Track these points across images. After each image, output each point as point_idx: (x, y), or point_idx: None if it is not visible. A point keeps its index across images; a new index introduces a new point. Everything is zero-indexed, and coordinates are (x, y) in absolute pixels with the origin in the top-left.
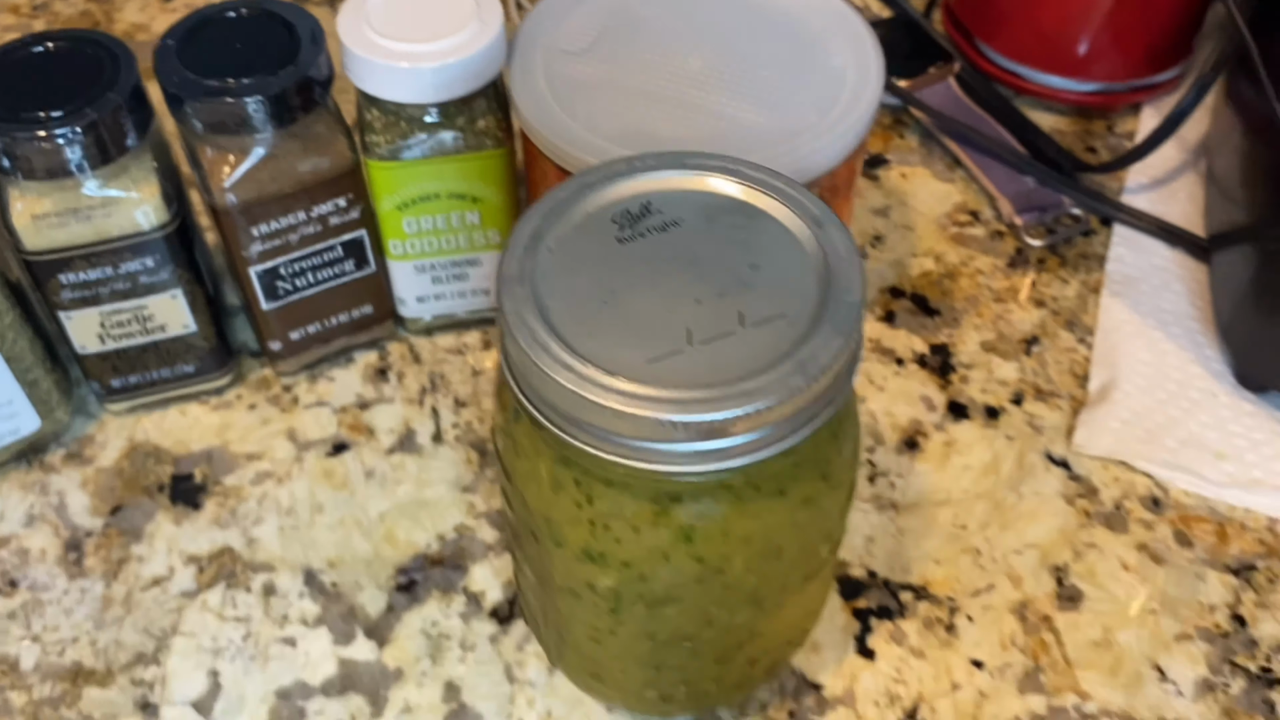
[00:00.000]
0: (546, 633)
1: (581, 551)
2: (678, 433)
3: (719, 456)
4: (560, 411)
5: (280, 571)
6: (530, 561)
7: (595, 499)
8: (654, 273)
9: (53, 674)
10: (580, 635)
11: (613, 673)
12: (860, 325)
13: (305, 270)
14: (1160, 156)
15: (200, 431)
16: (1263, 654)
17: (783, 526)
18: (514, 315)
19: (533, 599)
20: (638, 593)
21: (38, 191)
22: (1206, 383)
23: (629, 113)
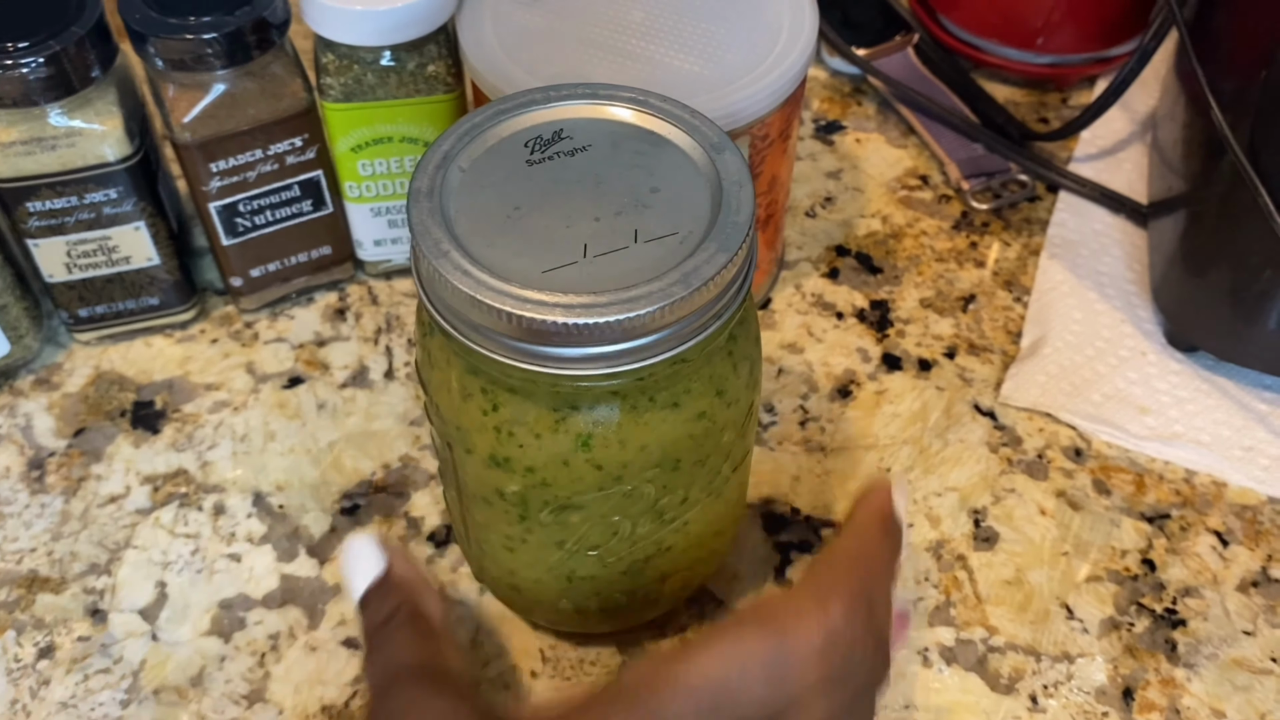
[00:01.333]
0: (470, 546)
1: (489, 458)
2: (566, 336)
3: (607, 361)
4: (462, 318)
5: (230, 493)
6: (449, 472)
7: (500, 406)
8: (558, 193)
9: (9, 580)
10: (496, 544)
11: (528, 583)
12: (749, 244)
13: (264, 208)
14: (1109, 128)
15: (163, 362)
16: (1169, 597)
17: (678, 438)
18: (420, 226)
19: (456, 512)
20: (542, 499)
21: (6, 121)
22: (1136, 342)
23: (570, 60)
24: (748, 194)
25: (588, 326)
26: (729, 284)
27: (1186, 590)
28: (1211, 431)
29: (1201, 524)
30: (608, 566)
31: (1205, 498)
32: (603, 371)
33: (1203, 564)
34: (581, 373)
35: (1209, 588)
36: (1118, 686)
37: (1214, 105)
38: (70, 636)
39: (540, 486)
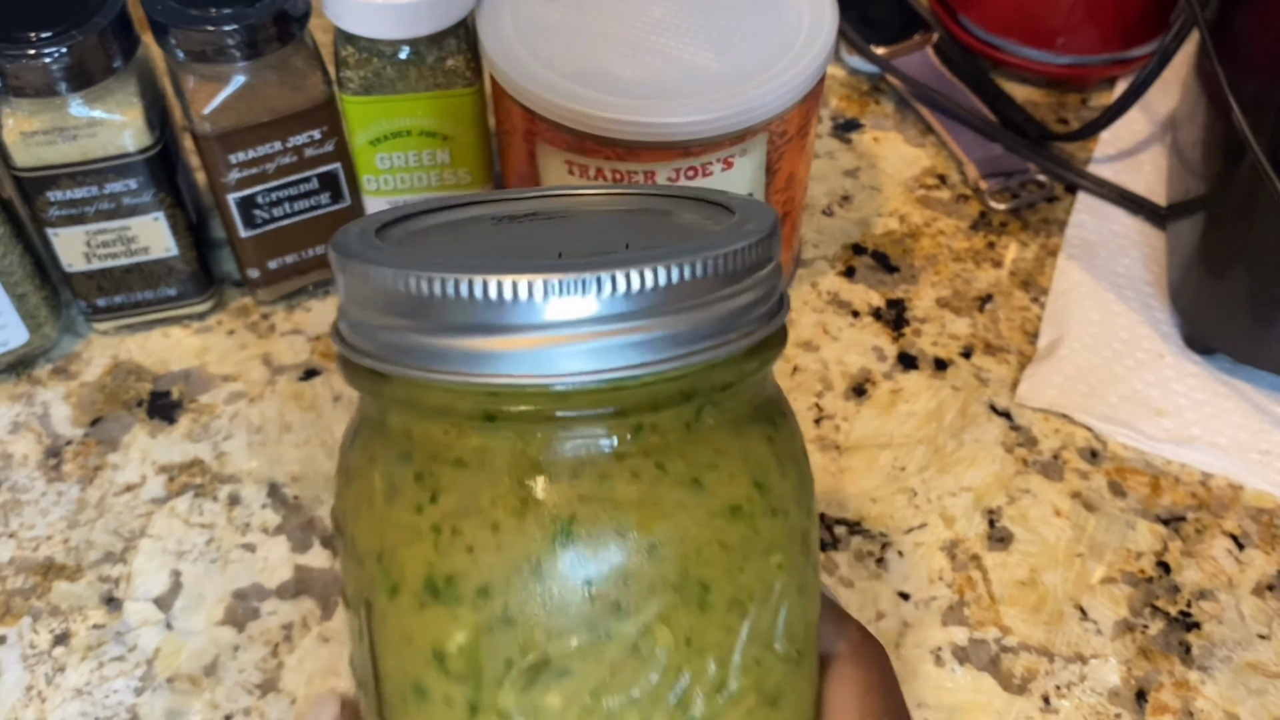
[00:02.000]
0: None
1: (424, 587)
2: (532, 311)
3: (591, 358)
4: (389, 334)
5: (246, 483)
6: (365, 666)
7: (440, 493)
8: (531, 237)
9: (26, 567)
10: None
11: None
12: (776, 244)
13: (282, 200)
14: (1129, 129)
15: (180, 353)
16: (1184, 599)
17: (703, 541)
18: (340, 238)
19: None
20: (505, 655)
21: (28, 110)
22: (1154, 344)
23: (590, 55)
24: (766, 207)
25: (567, 286)
26: (755, 275)
27: (1201, 593)
28: (1228, 434)
29: (1217, 527)
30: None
31: (1221, 500)
32: (584, 377)
33: (1218, 567)
34: (560, 379)
35: (1224, 591)
36: (1131, 688)
37: (1235, 106)
38: (85, 624)
39: (500, 627)
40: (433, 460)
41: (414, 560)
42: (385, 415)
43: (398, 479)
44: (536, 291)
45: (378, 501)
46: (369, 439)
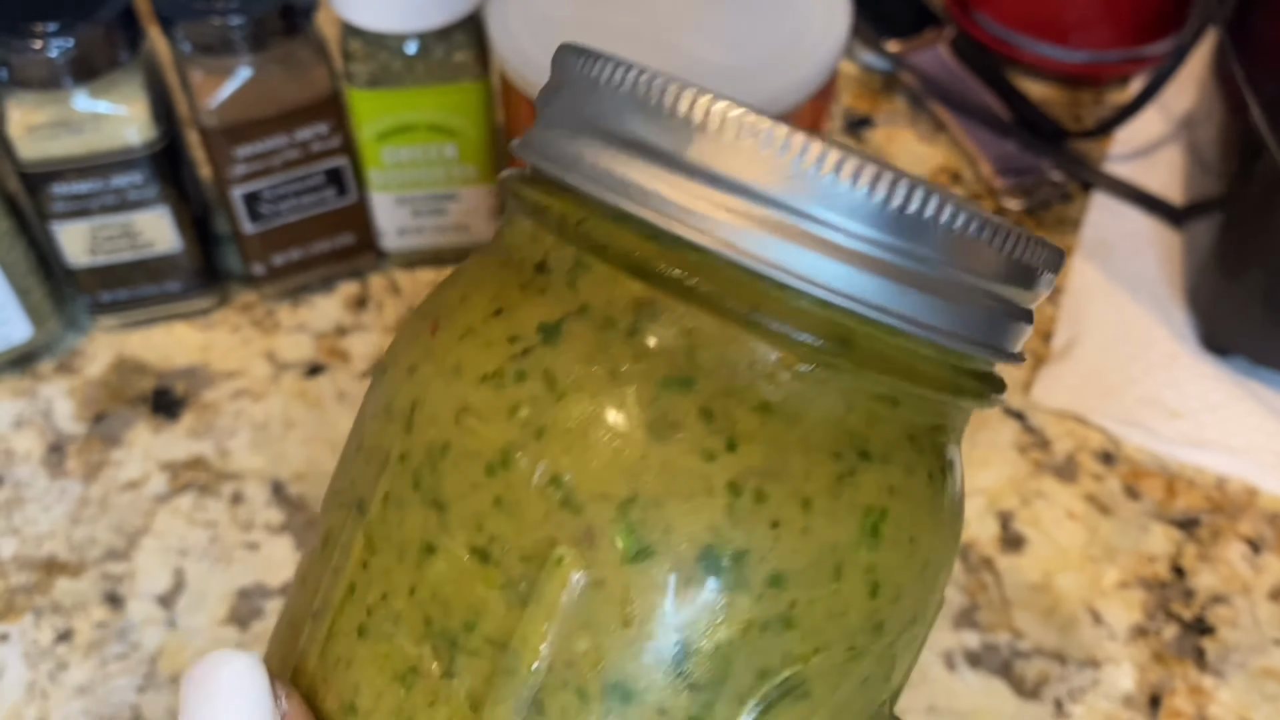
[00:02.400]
0: None
1: (698, 556)
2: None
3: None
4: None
5: (249, 481)
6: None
7: (740, 441)
8: None
9: (28, 564)
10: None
11: None
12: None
13: (287, 195)
14: (1144, 128)
15: (184, 349)
16: (1199, 604)
17: (945, 559)
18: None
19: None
20: (763, 664)
21: (33, 103)
22: (1169, 345)
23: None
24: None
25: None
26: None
27: (1216, 598)
28: (1244, 437)
29: (1232, 531)
30: None
31: (1237, 504)
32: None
33: (1233, 571)
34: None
35: (1239, 596)
36: (1144, 693)
37: (1253, 105)
38: (88, 621)
39: (777, 627)
40: (729, 397)
41: (691, 520)
42: (648, 324)
43: (672, 410)
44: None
45: (626, 428)
46: (590, 341)
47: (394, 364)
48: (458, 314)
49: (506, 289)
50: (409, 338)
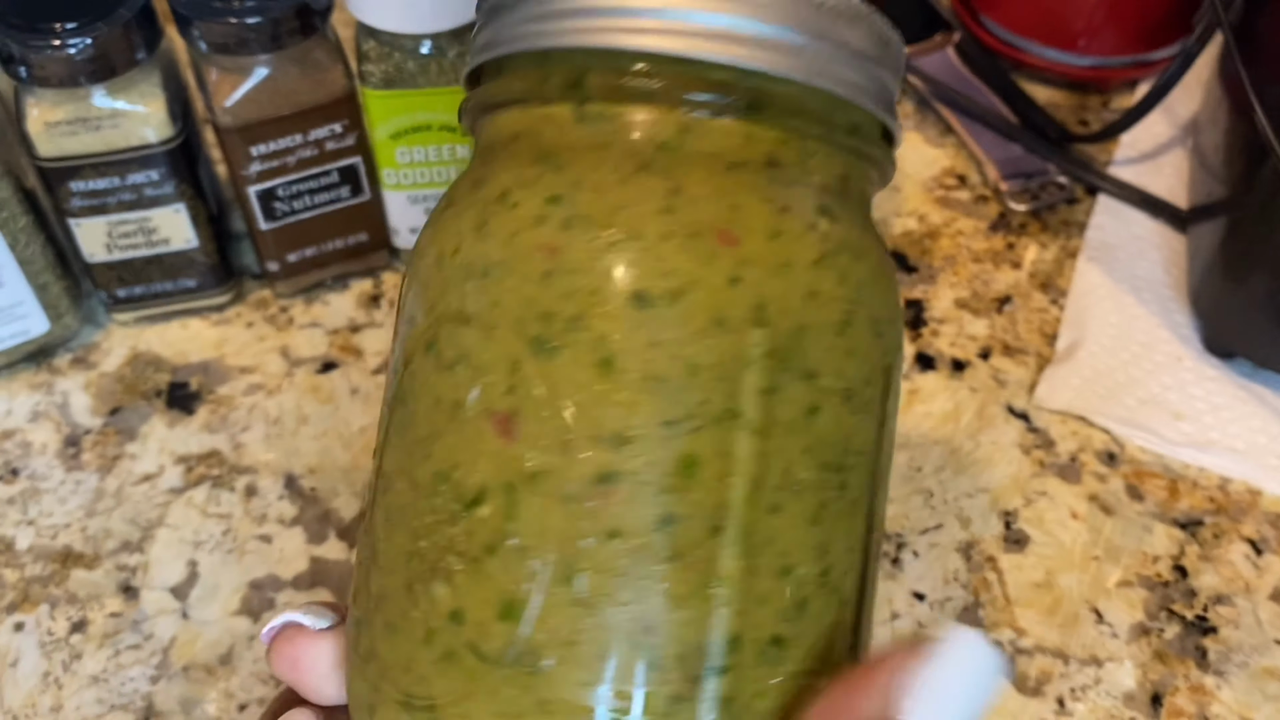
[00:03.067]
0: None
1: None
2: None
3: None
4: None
5: (263, 475)
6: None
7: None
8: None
9: (44, 555)
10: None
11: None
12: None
13: (302, 193)
14: (1150, 132)
15: (199, 344)
16: (1200, 603)
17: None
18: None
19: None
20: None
21: (51, 100)
22: (1173, 347)
23: None
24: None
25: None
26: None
27: (1218, 598)
28: (1247, 439)
29: (1235, 532)
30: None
31: (1240, 505)
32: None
33: (1235, 572)
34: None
35: (1241, 596)
36: (1146, 692)
37: (1258, 110)
38: (102, 612)
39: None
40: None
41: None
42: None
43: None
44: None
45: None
46: (594, 161)
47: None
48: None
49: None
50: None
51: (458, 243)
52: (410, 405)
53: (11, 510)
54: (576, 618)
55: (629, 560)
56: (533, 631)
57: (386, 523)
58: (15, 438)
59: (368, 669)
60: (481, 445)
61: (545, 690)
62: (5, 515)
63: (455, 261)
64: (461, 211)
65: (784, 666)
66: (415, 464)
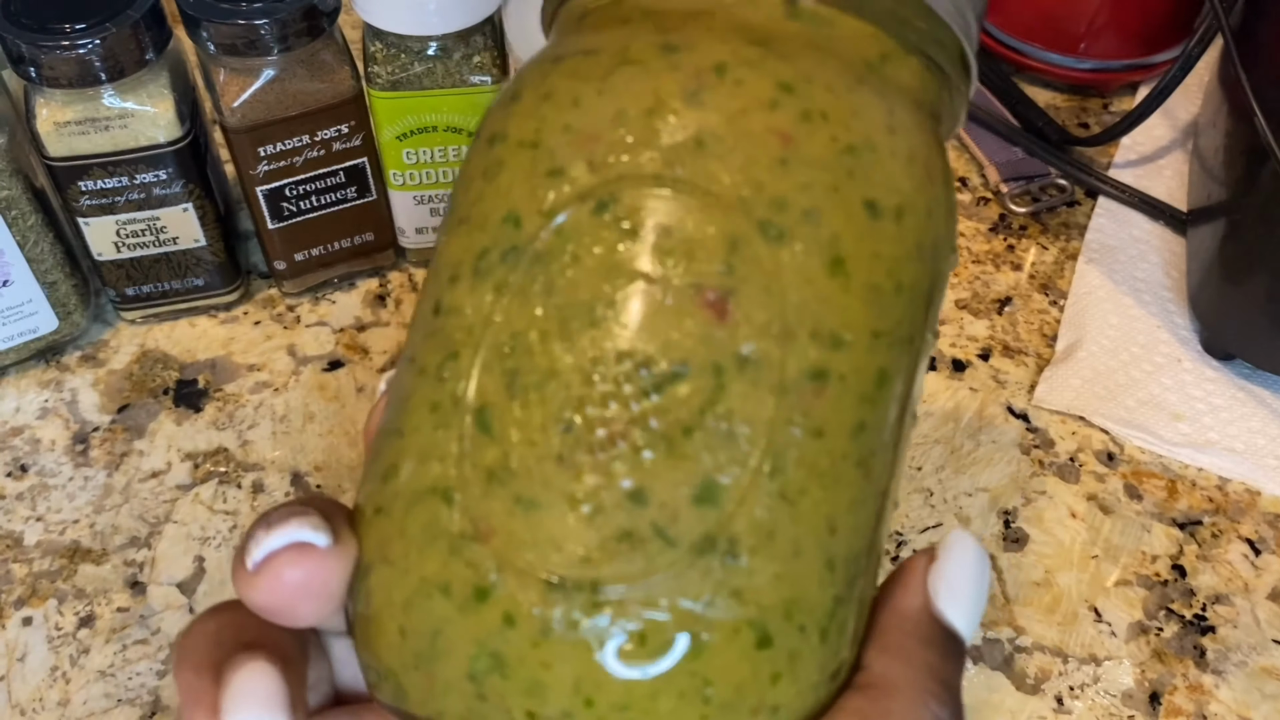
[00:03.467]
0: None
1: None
2: None
3: None
4: None
5: (270, 472)
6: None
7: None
8: None
9: (52, 550)
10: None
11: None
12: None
13: (309, 193)
14: (1150, 134)
15: (207, 342)
16: (1199, 603)
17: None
18: None
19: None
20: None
21: (61, 100)
22: (1172, 348)
23: None
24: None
25: None
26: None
27: (1217, 597)
28: (1245, 440)
29: (1233, 532)
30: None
31: (1238, 505)
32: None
33: (1234, 572)
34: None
35: (1239, 595)
36: (1145, 690)
37: (1258, 113)
38: (110, 607)
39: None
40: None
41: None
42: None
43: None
44: None
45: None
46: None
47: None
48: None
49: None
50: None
51: (652, 103)
52: (559, 264)
53: (20, 506)
54: (777, 509)
55: (828, 460)
56: (731, 519)
57: (507, 387)
58: (24, 434)
59: (469, 548)
60: (684, 321)
61: (739, 579)
62: (14, 511)
63: (649, 123)
64: (655, 73)
65: (877, 572)
66: (574, 330)
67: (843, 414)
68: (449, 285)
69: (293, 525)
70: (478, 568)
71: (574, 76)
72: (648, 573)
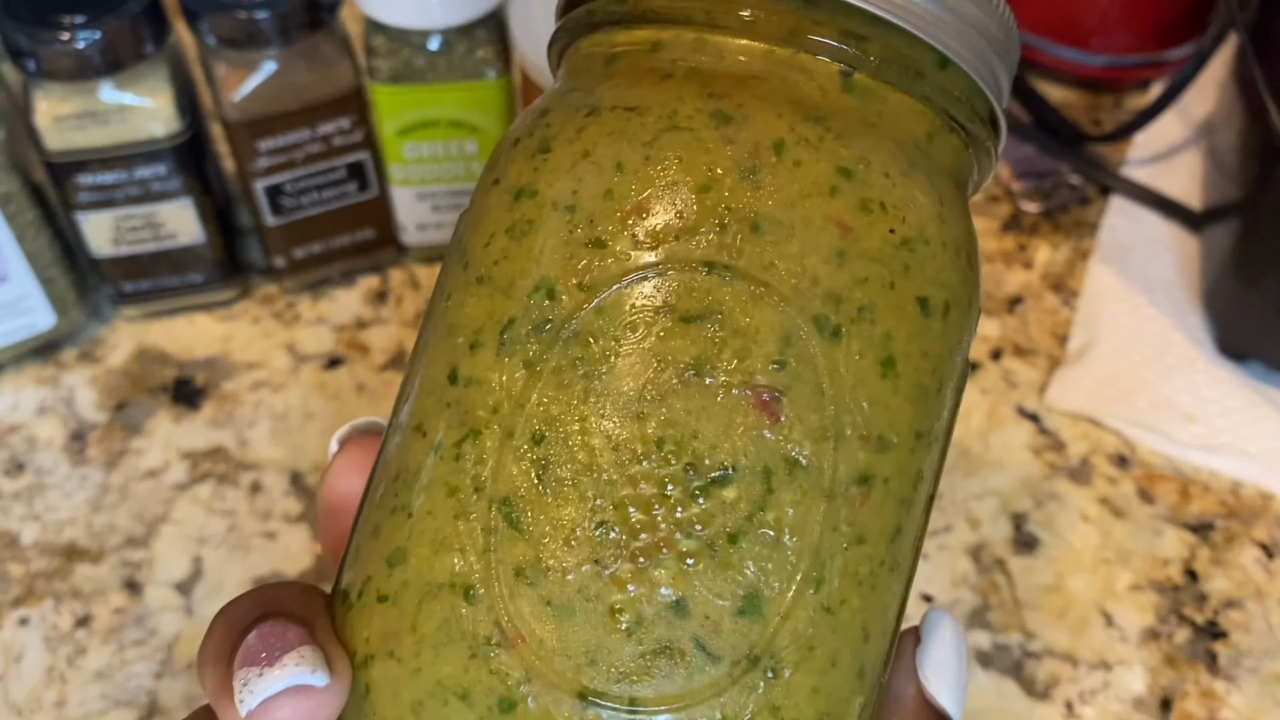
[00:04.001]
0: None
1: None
2: None
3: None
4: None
5: (268, 471)
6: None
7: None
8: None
9: (49, 550)
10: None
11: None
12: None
13: (309, 189)
14: (1164, 132)
15: (205, 340)
16: (1211, 608)
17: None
18: None
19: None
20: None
21: (60, 94)
22: (1185, 349)
23: None
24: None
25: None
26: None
27: (1229, 602)
28: (1259, 442)
29: (1246, 536)
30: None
31: (1251, 509)
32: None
33: (1246, 576)
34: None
35: (1252, 600)
36: (1156, 696)
37: (1273, 110)
38: (107, 607)
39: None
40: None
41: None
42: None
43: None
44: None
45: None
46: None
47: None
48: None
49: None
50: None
51: (706, 179)
52: (600, 348)
53: (17, 505)
54: (819, 621)
55: (868, 567)
56: (775, 634)
57: (538, 479)
58: (21, 432)
59: (494, 653)
60: (736, 420)
61: (779, 695)
62: (10, 509)
63: (702, 200)
64: (708, 144)
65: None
66: (616, 422)
67: (884, 519)
68: (469, 353)
69: (291, 667)
70: (504, 676)
71: (617, 136)
72: (687, 689)
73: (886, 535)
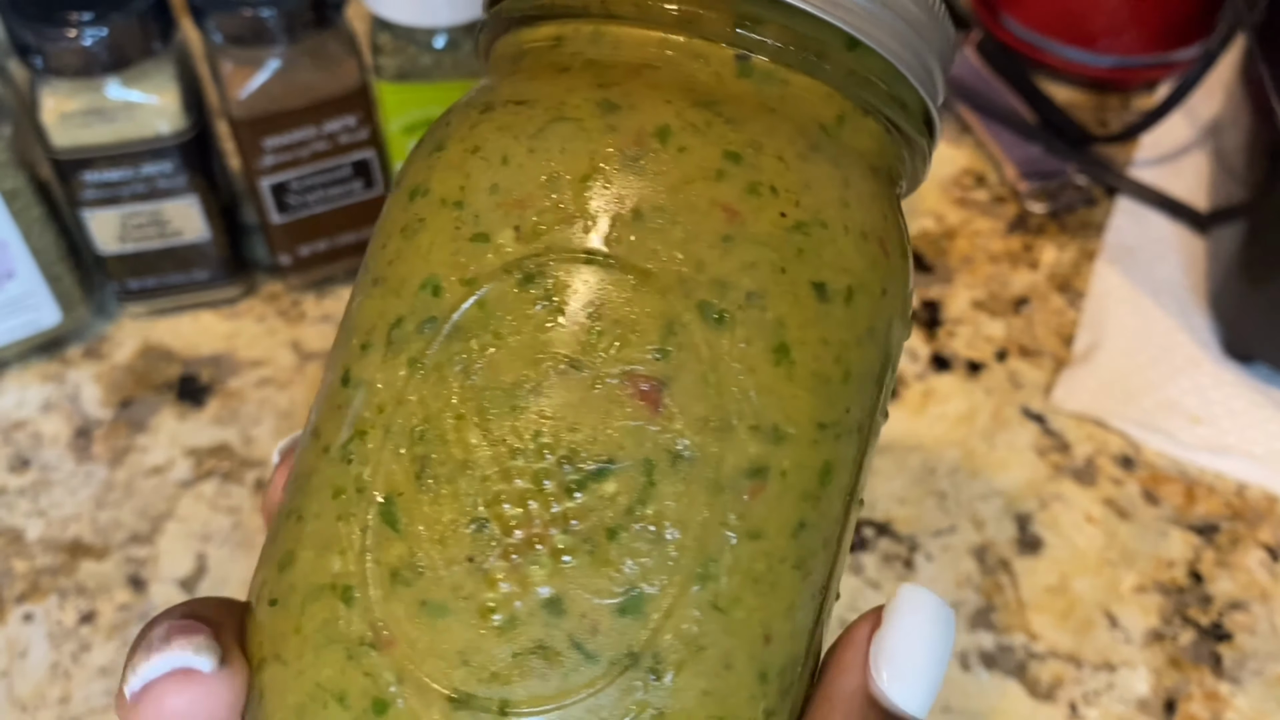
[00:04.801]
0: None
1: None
2: None
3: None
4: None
5: (272, 468)
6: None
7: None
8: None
9: (54, 546)
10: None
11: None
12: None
13: (315, 187)
14: (1170, 133)
15: (210, 337)
16: (1216, 610)
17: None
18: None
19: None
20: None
21: (66, 91)
22: (1191, 350)
23: None
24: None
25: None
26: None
27: (1234, 604)
28: (1265, 444)
29: (1251, 538)
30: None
31: (1257, 511)
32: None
33: (1251, 578)
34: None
35: (1257, 602)
36: (1160, 698)
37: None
38: (111, 604)
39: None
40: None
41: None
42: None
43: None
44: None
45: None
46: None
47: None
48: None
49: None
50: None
51: (588, 169)
52: (481, 342)
53: (22, 501)
54: (708, 620)
55: (765, 564)
56: (657, 633)
57: (416, 477)
58: (26, 429)
59: (368, 655)
60: (614, 411)
61: (663, 699)
62: (15, 506)
63: (583, 190)
64: (592, 133)
65: (815, 672)
66: (492, 417)
67: (783, 513)
68: (360, 354)
69: (175, 648)
70: (376, 678)
71: (504, 130)
72: (561, 690)
73: (787, 531)
